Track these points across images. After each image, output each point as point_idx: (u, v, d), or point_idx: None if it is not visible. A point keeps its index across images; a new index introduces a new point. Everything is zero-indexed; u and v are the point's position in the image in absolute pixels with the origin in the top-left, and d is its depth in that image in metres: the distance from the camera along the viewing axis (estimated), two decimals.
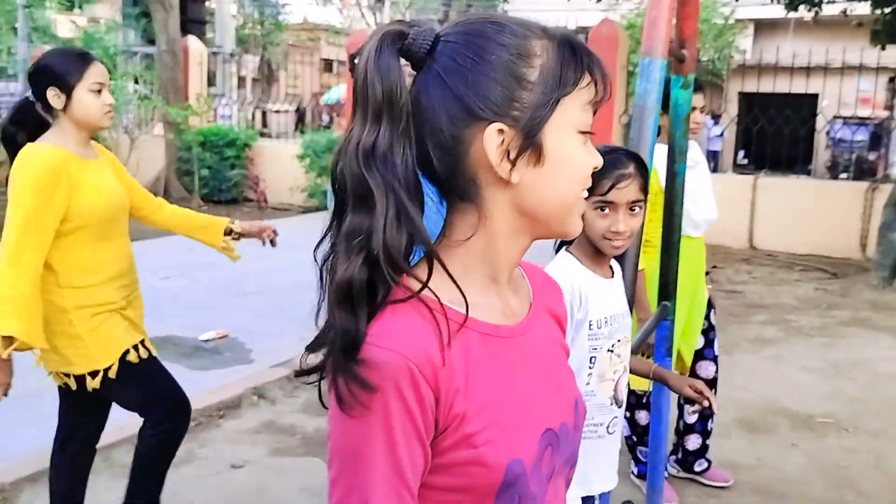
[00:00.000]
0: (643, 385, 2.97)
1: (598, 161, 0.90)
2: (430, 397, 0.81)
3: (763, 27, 20.71)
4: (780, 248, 8.86)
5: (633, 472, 3.45)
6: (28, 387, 4.29)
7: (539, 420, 0.91)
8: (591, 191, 1.80)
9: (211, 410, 3.87)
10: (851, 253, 8.54)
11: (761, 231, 9.03)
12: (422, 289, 0.83)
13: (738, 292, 7.05)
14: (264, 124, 16.44)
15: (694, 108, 2.94)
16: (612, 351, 1.82)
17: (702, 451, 3.48)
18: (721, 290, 7.03)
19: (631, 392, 3.24)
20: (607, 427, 1.84)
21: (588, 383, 1.80)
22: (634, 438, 3.43)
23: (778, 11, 10.33)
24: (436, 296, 0.84)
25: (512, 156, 0.84)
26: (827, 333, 5.80)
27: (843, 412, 4.27)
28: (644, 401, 3.34)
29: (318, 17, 33.90)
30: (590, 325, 1.79)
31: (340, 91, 22.40)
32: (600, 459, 1.86)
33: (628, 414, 3.38)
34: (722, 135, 17.39)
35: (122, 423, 3.58)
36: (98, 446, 2.94)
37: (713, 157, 17.38)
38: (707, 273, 3.51)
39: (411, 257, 0.85)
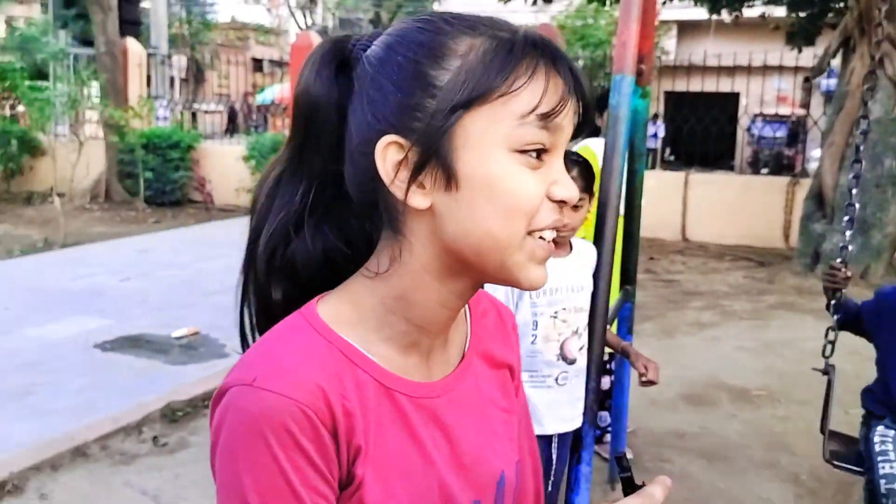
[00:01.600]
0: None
1: (563, 191, 0.72)
2: (331, 445, 0.68)
3: (686, 28, 21.57)
4: (711, 240, 9.42)
5: None
6: (18, 383, 4.43)
7: (444, 498, 0.76)
8: None
9: (197, 401, 4.06)
10: (775, 243, 9.16)
11: (693, 224, 9.58)
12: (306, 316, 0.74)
13: (675, 281, 7.53)
14: (194, 125, 16.34)
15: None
16: (555, 317, 2.15)
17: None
18: (659, 280, 7.51)
19: None
20: (556, 379, 2.18)
21: (533, 343, 2.14)
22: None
23: (700, 13, 10.93)
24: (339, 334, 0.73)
25: (408, 174, 0.70)
26: (758, 316, 6.30)
27: (775, 385, 4.72)
28: (607, 367, 3.70)
29: (246, 16, 33.52)
30: (529, 294, 2.12)
31: (274, 92, 22.38)
32: (551, 405, 2.19)
33: None
34: (656, 135, 18.10)
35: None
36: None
37: (650, 155, 18.12)
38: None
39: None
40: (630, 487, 0.77)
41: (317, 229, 0.77)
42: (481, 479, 0.80)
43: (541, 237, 0.72)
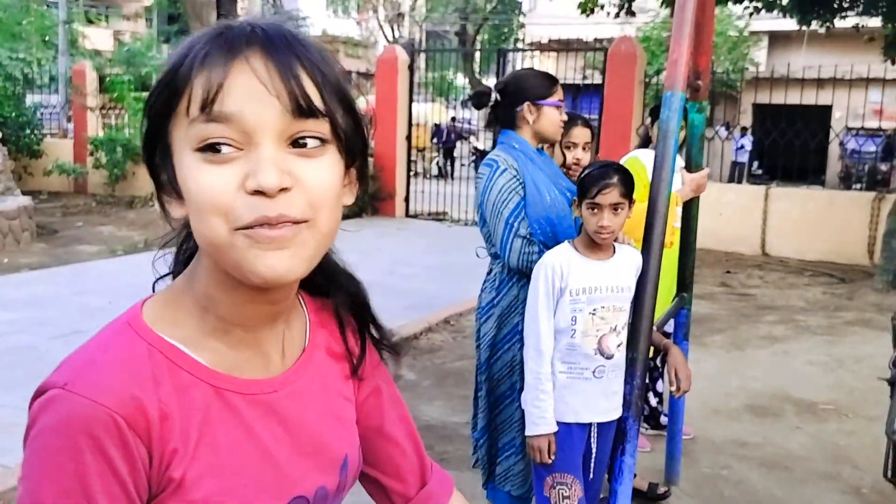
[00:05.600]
0: None
1: (253, 181, 0.68)
2: (143, 453, 0.69)
3: (777, 40, 21.08)
4: (792, 255, 9.26)
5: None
6: None
7: (285, 487, 0.81)
8: (583, 195, 2.34)
9: None
10: (859, 259, 8.94)
11: (773, 238, 9.43)
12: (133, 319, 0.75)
13: (751, 295, 7.47)
14: None
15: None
16: (593, 314, 2.31)
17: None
18: (734, 294, 7.47)
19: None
20: (593, 372, 2.34)
21: (573, 337, 2.31)
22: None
23: (792, 24, 10.73)
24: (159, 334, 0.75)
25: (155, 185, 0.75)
26: (832, 332, 6.22)
27: (844, 400, 4.69)
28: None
29: (337, 29, 34.48)
30: (570, 292, 2.30)
31: (361, 104, 23.03)
32: (588, 396, 2.36)
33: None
34: (742, 147, 17.85)
35: None
36: None
37: (738, 169, 17.87)
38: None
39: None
40: None
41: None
42: (324, 464, 0.86)
43: (250, 233, 0.69)
